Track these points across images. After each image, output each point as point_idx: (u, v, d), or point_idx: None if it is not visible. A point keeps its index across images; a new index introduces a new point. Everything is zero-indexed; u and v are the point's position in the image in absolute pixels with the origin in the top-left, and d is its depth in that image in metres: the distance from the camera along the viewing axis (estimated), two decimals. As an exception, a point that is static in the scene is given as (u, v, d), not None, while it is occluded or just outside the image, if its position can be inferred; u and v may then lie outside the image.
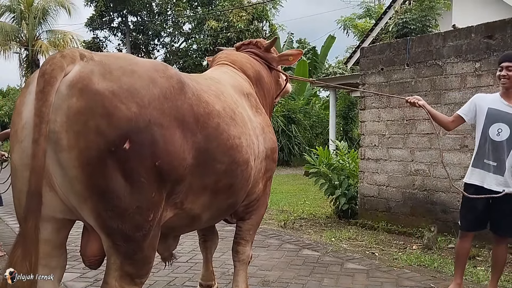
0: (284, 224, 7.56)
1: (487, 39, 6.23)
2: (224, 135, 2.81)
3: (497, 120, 4.04)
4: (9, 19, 29.92)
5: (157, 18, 22.03)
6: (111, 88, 2.22)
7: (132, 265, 2.39)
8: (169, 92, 2.45)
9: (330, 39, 26.67)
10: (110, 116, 2.17)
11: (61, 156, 2.15)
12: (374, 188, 7.58)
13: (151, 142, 2.28)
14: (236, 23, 18.92)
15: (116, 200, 2.23)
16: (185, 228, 3.15)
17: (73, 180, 2.18)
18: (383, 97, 7.46)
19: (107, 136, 2.16)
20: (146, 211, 2.35)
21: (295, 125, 21.79)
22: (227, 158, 2.82)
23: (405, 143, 7.15)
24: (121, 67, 2.34)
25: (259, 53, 4.18)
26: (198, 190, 2.70)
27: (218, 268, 5.04)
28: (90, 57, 2.32)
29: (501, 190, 3.96)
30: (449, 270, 5.05)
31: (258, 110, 3.62)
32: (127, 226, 2.31)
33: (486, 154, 4.09)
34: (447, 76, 6.65)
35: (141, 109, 2.27)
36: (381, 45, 7.87)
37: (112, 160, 2.18)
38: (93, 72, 2.23)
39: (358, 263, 5.30)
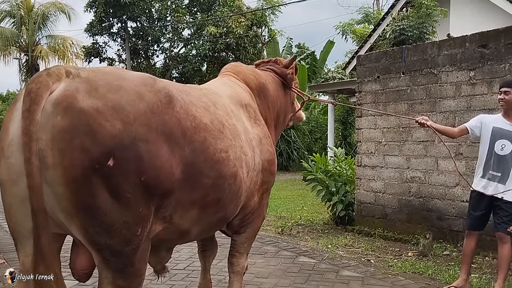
0: (282, 231, 7.62)
1: (481, 48, 6.31)
2: (211, 149, 2.80)
3: (501, 137, 4.66)
4: (9, 24, 29.99)
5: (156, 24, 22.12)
6: (96, 105, 2.23)
7: (123, 279, 2.42)
8: (156, 106, 2.46)
9: (329, 44, 26.77)
10: (94, 134, 2.19)
11: (47, 174, 2.17)
12: (371, 195, 7.64)
13: (136, 158, 2.30)
14: (235, 29, 18.99)
15: (103, 216, 2.25)
16: (175, 241, 3.17)
17: (59, 197, 2.21)
18: (380, 104, 7.54)
19: (91, 154, 2.18)
20: (133, 226, 2.37)
21: (294, 130, 21.86)
22: (213, 172, 2.80)
23: (401, 150, 7.22)
24: (107, 83, 2.36)
25: (276, 69, 4.28)
26: (186, 205, 2.70)
27: (215, 276, 5.09)
28: (77, 74, 2.34)
29: (501, 197, 4.59)
30: (443, 278, 5.11)
31: (257, 121, 3.62)
32: (115, 241, 2.34)
33: (491, 166, 4.68)
34: (442, 84, 6.73)
35: (126, 125, 2.28)
36: (377, 53, 7.95)
37: (97, 177, 2.20)
38: (78, 90, 2.25)
39: (354, 271, 5.36)
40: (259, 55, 20.86)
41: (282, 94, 4.28)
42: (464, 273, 4.78)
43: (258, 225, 3.79)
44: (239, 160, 3.06)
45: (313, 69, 26.58)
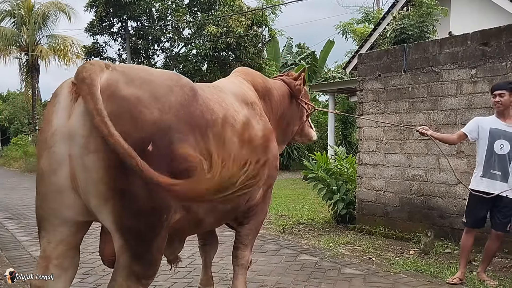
0: (283, 229, 7.62)
1: (483, 46, 6.31)
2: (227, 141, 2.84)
3: (499, 137, 4.87)
4: (10, 24, 30.00)
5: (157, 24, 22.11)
6: (136, 94, 2.41)
7: (141, 265, 2.50)
8: (184, 99, 2.65)
9: (329, 44, 26.81)
10: (135, 119, 2.36)
11: (88, 159, 2.30)
12: (372, 193, 7.64)
13: (170, 145, 2.46)
14: (235, 28, 18.97)
15: (136, 201, 2.38)
16: (190, 231, 3.32)
17: (97, 181, 2.32)
18: (381, 102, 7.54)
19: (132, 139, 2.30)
20: (160, 212, 2.52)
21: (294, 130, 21.84)
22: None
23: (402, 148, 7.22)
24: (140, 76, 2.55)
25: (285, 79, 4.48)
26: None
27: (216, 273, 5.09)
28: (113, 67, 2.52)
29: (505, 195, 4.79)
30: (444, 275, 5.11)
31: (262, 118, 3.73)
32: (142, 226, 2.47)
33: (492, 166, 4.88)
34: (443, 82, 6.73)
35: (162, 114, 2.46)
36: (378, 52, 7.95)
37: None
38: (119, 80, 2.43)
39: (356, 268, 5.36)
40: (259, 54, 20.86)
41: (288, 103, 4.39)
42: (463, 267, 5.00)
43: (262, 218, 3.90)
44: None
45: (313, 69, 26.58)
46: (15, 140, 26.80)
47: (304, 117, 4.61)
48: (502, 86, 4.93)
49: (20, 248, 6.35)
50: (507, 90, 4.85)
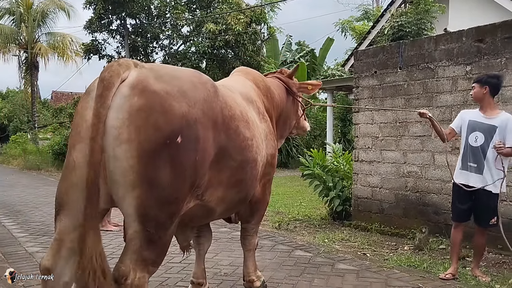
0: (279, 226, 7.63)
1: (478, 43, 6.31)
2: (241, 137, 3.19)
3: (475, 129, 4.89)
4: (9, 22, 30.00)
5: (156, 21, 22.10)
6: (166, 89, 2.58)
7: (152, 251, 2.60)
8: (207, 95, 2.84)
9: (328, 42, 26.75)
10: (166, 112, 2.52)
11: (119, 148, 2.44)
12: (368, 190, 7.65)
13: (196, 138, 2.64)
14: (234, 26, 18.96)
15: (162, 190, 2.52)
16: (203, 219, 3.52)
17: (128, 170, 2.45)
18: (377, 99, 7.55)
19: (163, 130, 2.49)
20: (181, 201, 2.68)
21: (293, 128, 21.84)
22: (240, 156, 3.17)
23: (397, 145, 7.23)
24: (167, 73, 2.73)
25: (281, 77, 4.73)
26: (215, 184, 3.01)
27: (210, 269, 5.11)
28: (142, 65, 2.69)
29: (481, 187, 4.80)
30: (438, 271, 5.13)
31: (264, 117, 3.96)
32: (164, 214, 2.59)
33: (468, 158, 4.93)
34: (438, 79, 6.74)
35: (190, 108, 2.63)
36: (374, 49, 7.96)
37: (165, 153, 2.50)
38: (149, 76, 2.59)
39: (349, 264, 5.37)
40: (258, 52, 20.85)
41: (285, 99, 4.64)
42: (455, 262, 5.02)
43: (263, 211, 4.25)
44: (259, 149, 3.47)
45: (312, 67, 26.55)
46: (14, 138, 26.80)
47: (299, 112, 4.86)
48: (476, 78, 5.05)
49: (16, 244, 6.36)
50: (478, 82, 4.90)
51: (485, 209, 4.84)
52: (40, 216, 8.65)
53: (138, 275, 2.57)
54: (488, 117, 4.85)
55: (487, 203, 4.80)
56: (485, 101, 4.92)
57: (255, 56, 20.31)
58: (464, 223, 5.08)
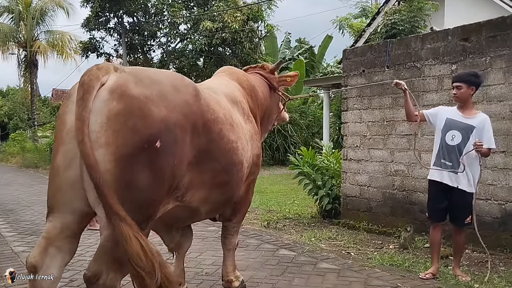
0: (267, 224, 7.65)
1: (463, 42, 6.31)
2: (225, 140, 3.22)
3: (452, 128, 4.85)
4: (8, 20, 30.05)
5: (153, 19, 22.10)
6: (145, 93, 2.59)
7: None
8: (188, 98, 2.86)
9: (327, 39, 26.69)
10: (145, 117, 2.54)
11: (97, 152, 2.44)
12: (356, 189, 7.67)
13: (174, 142, 2.66)
14: (230, 23, 18.96)
15: (139, 193, 2.56)
16: (188, 219, 3.62)
17: (104, 174, 2.44)
18: (365, 98, 7.55)
19: (142, 135, 2.51)
20: (158, 204, 2.71)
21: (291, 125, 21.83)
22: (224, 159, 3.22)
23: (385, 144, 7.24)
24: (147, 77, 2.74)
25: (264, 73, 4.74)
26: (197, 185, 3.04)
27: (193, 268, 5.15)
28: (122, 69, 2.71)
29: (456, 185, 4.78)
30: (418, 270, 5.14)
31: (249, 118, 3.99)
32: (140, 216, 2.60)
33: (443, 155, 4.87)
34: (425, 78, 6.74)
35: (169, 112, 2.64)
36: (362, 47, 7.97)
37: (144, 157, 2.53)
38: (128, 80, 2.61)
39: (332, 263, 5.39)
40: (255, 50, 20.85)
41: (269, 96, 4.68)
42: (436, 262, 5.02)
43: (245, 211, 4.33)
44: (244, 151, 3.50)
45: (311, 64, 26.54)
46: (13, 136, 26.89)
47: (280, 105, 4.95)
48: (461, 78, 4.87)
49: (3, 243, 6.40)
50: (465, 83, 4.79)
51: (461, 208, 4.84)
52: (31, 215, 8.69)
53: (111, 276, 2.60)
54: (466, 116, 4.83)
55: (463, 202, 4.80)
56: (468, 101, 4.90)
57: (252, 53, 20.31)
58: (442, 223, 5.10)
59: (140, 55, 22.24)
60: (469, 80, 4.84)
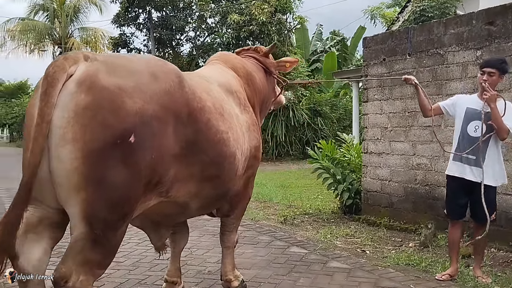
0: (284, 220, 7.38)
1: (488, 26, 5.89)
2: (213, 130, 2.97)
3: (474, 118, 4.42)
4: (43, 18, 30.68)
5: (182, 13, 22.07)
6: (118, 84, 2.40)
7: (99, 253, 2.47)
8: (169, 86, 2.64)
9: (360, 30, 26.13)
10: (117, 110, 2.35)
11: (64, 149, 2.28)
12: (377, 183, 7.33)
13: (151, 136, 2.46)
14: (258, 16, 18.69)
15: (112, 191, 2.37)
16: (179, 216, 3.40)
17: (72, 171, 2.29)
18: (385, 88, 7.20)
19: (114, 130, 2.33)
20: (134, 201, 2.52)
21: (321, 118, 21.47)
22: (213, 151, 2.98)
23: (407, 136, 6.87)
24: (124, 65, 2.56)
25: (258, 57, 4.42)
26: (183, 179, 2.83)
27: (196, 266, 4.99)
28: (94, 57, 2.49)
29: (479, 181, 4.32)
30: (436, 270, 4.81)
31: (246, 108, 3.77)
32: (114, 216, 2.45)
33: (465, 149, 4.44)
34: (448, 65, 6.34)
35: (145, 104, 2.45)
36: (383, 35, 7.59)
37: (116, 152, 2.34)
38: (99, 70, 2.40)
39: (343, 262, 5.11)
40: (284, 42, 20.50)
41: (265, 81, 4.42)
42: (455, 262, 4.66)
43: (245, 206, 4.10)
44: (237, 142, 3.27)
45: (343, 56, 26.10)
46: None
47: (276, 88, 4.70)
48: (494, 64, 4.41)
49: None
50: (498, 70, 4.36)
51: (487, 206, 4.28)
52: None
53: (81, 278, 2.43)
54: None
55: (486, 197, 4.29)
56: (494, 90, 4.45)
57: (281, 46, 19.95)
58: (462, 220, 4.72)
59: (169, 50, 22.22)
60: (502, 67, 4.43)
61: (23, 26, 28.91)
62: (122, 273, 4.76)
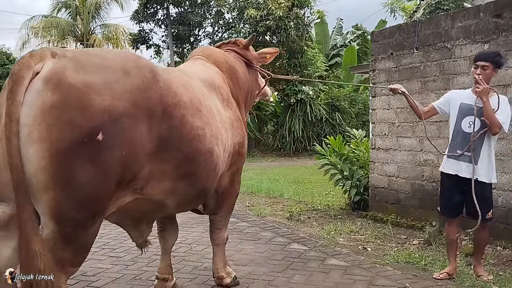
0: (290, 216, 7.33)
1: (496, 18, 5.73)
2: (188, 126, 2.92)
3: (468, 114, 4.32)
4: (65, 15, 31.05)
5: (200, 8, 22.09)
6: (86, 81, 2.36)
7: (70, 251, 2.46)
8: (141, 82, 2.59)
9: (381, 24, 25.77)
10: (85, 108, 2.31)
11: (31, 149, 2.25)
12: (384, 179, 7.22)
13: (121, 133, 2.43)
14: (274, 10, 18.58)
15: (81, 190, 2.35)
16: (155, 213, 3.34)
17: (39, 171, 2.27)
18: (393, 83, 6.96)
19: (81, 128, 2.29)
20: (106, 199, 2.50)
21: (340, 113, 21.29)
22: (188, 147, 2.94)
23: (414, 131, 6.75)
24: (92, 62, 2.50)
25: (238, 50, 4.41)
26: (158, 176, 2.79)
27: (193, 262, 4.99)
28: (63, 54, 2.44)
29: (475, 177, 4.24)
30: (435, 269, 4.71)
31: (229, 104, 3.75)
32: (84, 214, 2.44)
33: (459, 145, 4.37)
34: (455, 59, 6.20)
35: (114, 101, 2.41)
36: (391, 29, 7.46)
37: (84, 151, 2.31)
38: (67, 68, 2.36)
39: (342, 259, 5.05)
40: (302, 37, 20.33)
41: (248, 74, 4.38)
42: (453, 261, 4.57)
43: (232, 203, 4.09)
44: (215, 138, 3.21)
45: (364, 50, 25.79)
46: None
47: (259, 80, 4.66)
48: (488, 58, 4.29)
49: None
50: (492, 63, 4.25)
51: (480, 201, 4.23)
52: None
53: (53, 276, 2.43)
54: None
55: (482, 194, 4.24)
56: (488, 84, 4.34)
57: (299, 41, 19.81)
58: (458, 218, 4.62)
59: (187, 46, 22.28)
60: (496, 61, 4.32)
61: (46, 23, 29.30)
62: (119, 268, 4.79)
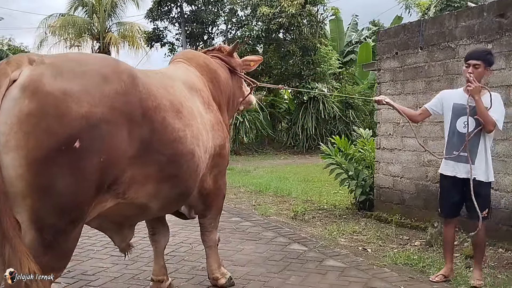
0: (294, 216, 7.35)
1: (499, 18, 5.67)
2: (169, 128, 2.95)
3: (463, 114, 4.28)
4: (82, 13, 31.32)
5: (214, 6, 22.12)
6: (62, 88, 2.35)
7: (52, 257, 2.47)
8: (120, 87, 2.59)
9: (396, 20, 25.57)
10: (62, 116, 2.31)
11: (7, 156, 2.26)
12: (389, 179, 7.20)
13: (100, 139, 2.43)
14: (287, 8, 18.53)
15: (59, 197, 2.36)
16: (138, 217, 3.41)
17: (16, 179, 2.29)
18: (398, 83, 7.06)
19: (58, 136, 2.30)
20: (86, 205, 2.51)
21: (353, 111, 21.21)
22: (170, 150, 2.96)
23: (418, 131, 6.70)
24: (70, 68, 2.48)
25: (222, 57, 4.42)
26: (140, 180, 2.83)
27: (192, 262, 5.03)
28: (40, 60, 2.43)
29: (473, 177, 4.20)
30: (433, 271, 4.68)
31: (210, 107, 3.77)
32: (63, 221, 2.45)
33: (455, 146, 4.35)
34: (459, 59, 6.13)
35: (92, 107, 2.40)
36: (396, 28, 7.42)
37: (61, 159, 2.32)
38: (44, 75, 2.35)
39: (340, 260, 5.05)
40: (315, 34, 20.27)
41: (230, 80, 4.42)
42: (449, 262, 4.54)
43: (220, 204, 4.12)
44: (196, 139, 3.24)
45: (379, 47, 25.55)
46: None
47: (244, 87, 4.68)
48: (479, 56, 4.25)
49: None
50: (484, 62, 4.20)
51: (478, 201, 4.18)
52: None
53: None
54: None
55: (479, 194, 4.20)
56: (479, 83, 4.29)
57: (312, 38, 19.75)
58: (456, 218, 4.63)
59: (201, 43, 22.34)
60: (488, 59, 4.28)
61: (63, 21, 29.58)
62: (119, 267, 4.86)
